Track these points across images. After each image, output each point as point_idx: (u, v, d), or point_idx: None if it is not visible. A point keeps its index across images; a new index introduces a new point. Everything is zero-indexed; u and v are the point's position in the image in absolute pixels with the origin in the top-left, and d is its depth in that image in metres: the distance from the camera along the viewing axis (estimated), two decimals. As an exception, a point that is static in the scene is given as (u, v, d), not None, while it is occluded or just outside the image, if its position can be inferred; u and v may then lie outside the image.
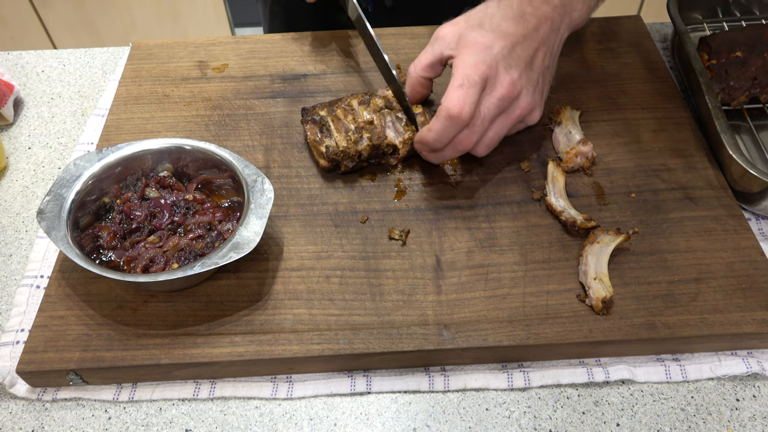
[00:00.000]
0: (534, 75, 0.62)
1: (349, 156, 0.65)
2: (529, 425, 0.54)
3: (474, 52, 0.59)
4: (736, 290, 0.58)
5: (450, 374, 0.56)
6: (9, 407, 0.56)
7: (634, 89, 0.75)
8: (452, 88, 0.58)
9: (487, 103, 0.60)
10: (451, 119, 0.58)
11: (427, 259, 0.60)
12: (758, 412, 0.54)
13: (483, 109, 0.60)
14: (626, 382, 0.56)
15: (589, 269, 0.57)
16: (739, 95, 0.70)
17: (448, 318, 0.56)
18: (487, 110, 0.60)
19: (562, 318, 0.56)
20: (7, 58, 0.87)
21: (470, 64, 0.58)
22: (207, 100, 0.75)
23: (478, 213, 0.64)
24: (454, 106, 0.57)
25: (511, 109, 0.62)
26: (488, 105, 0.60)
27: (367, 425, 0.54)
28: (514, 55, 0.60)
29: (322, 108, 0.68)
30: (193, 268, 0.53)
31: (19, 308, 0.60)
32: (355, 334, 0.55)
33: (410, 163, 0.68)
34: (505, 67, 0.59)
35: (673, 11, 0.76)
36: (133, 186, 0.63)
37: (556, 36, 0.64)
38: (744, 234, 0.62)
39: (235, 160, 0.61)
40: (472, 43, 0.59)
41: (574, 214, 0.61)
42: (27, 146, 0.76)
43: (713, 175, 0.66)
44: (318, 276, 0.59)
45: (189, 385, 0.56)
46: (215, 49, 0.81)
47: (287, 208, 0.65)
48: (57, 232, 0.56)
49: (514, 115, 0.62)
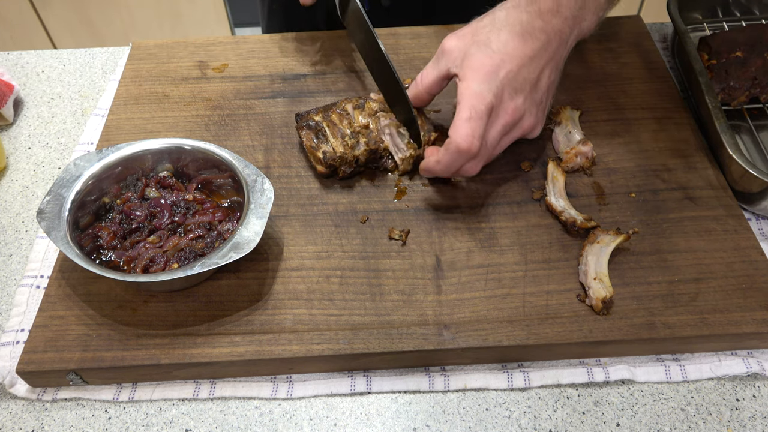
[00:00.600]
0: (539, 95, 0.62)
1: (346, 161, 0.65)
2: (529, 425, 0.54)
3: (480, 78, 0.58)
4: (736, 290, 0.58)
5: (450, 374, 0.56)
6: (9, 407, 0.56)
7: (634, 89, 0.75)
8: (460, 120, 0.58)
9: (492, 132, 0.60)
10: (461, 153, 0.58)
11: (427, 259, 0.60)
12: (758, 412, 0.54)
13: (488, 138, 0.60)
14: (626, 382, 0.56)
15: (589, 269, 0.57)
16: (739, 95, 0.70)
17: (448, 318, 0.56)
18: (492, 138, 0.60)
19: (562, 318, 0.56)
20: (7, 58, 0.87)
21: (477, 92, 0.58)
22: (207, 100, 0.75)
23: (478, 213, 0.64)
24: (463, 141, 0.57)
25: (513, 131, 0.62)
26: (493, 133, 0.60)
27: (367, 425, 0.54)
28: (519, 79, 0.59)
29: (317, 113, 0.67)
30: (193, 268, 0.53)
31: (19, 308, 0.60)
32: (355, 334, 0.55)
33: (410, 163, 0.68)
34: (510, 94, 0.59)
35: (673, 11, 0.76)
36: (133, 186, 0.63)
37: (564, 49, 0.63)
38: (744, 234, 0.62)
39: (235, 160, 0.61)
40: (478, 66, 0.58)
41: (574, 214, 0.61)
42: (27, 146, 0.76)
43: (713, 175, 0.66)
44: (318, 276, 0.59)
45: (189, 385, 0.56)
46: (215, 49, 0.81)
47: (287, 208, 0.65)
48: (57, 232, 0.56)
49: (515, 135, 0.63)
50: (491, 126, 0.59)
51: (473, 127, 0.57)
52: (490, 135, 0.60)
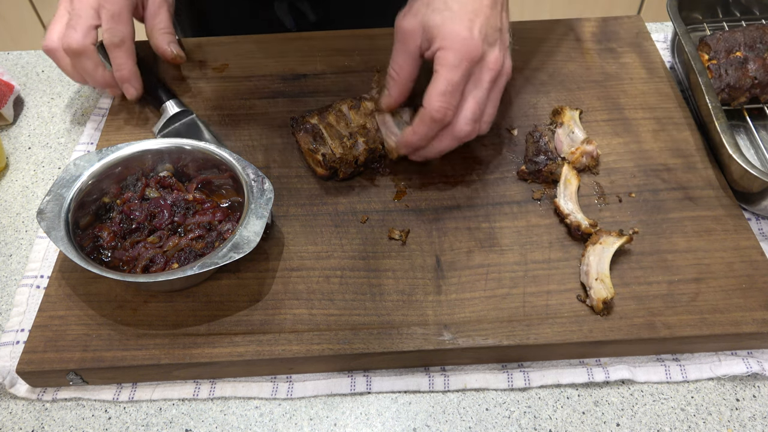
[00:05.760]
0: (505, 38, 0.62)
1: (346, 162, 0.65)
2: (529, 425, 0.54)
3: (456, 48, 0.57)
4: (736, 290, 0.58)
5: (450, 374, 0.56)
6: (9, 407, 0.56)
7: (634, 89, 0.75)
8: (435, 92, 0.58)
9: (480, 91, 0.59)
10: (435, 122, 0.58)
11: (427, 259, 0.60)
12: (758, 412, 0.54)
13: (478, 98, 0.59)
14: (626, 382, 0.56)
15: (591, 269, 0.57)
16: (739, 95, 0.70)
17: (448, 318, 0.56)
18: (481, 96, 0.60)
19: (562, 318, 0.56)
20: (7, 58, 0.87)
21: (454, 65, 0.57)
22: (207, 100, 0.75)
23: (478, 213, 0.64)
24: (437, 111, 0.58)
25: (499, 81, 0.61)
26: (482, 91, 0.59)
27: (367, 425, 0.54)
28: (489, 30, 0.59)
29: (312, 116, 0.66)
30: (193, 268, 0.53)
31: (19, 308, 0.60)
32: (355, 334, 0.55)
33: (410, 163, 0.68)
34: (486, 48, 0.59)
35: (673, 11, 0.76)
36: (133, 186, 0.63)
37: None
38: (744, 234, 0.62)
39: (235, 160, 0.61)
40: (449, 33, 0.58)
41: (580, 219, 0.61)
42: (27, 146, 0.76)
43: (713, 175, 0.66)
44: (318, 276, 0.59)
45: (189, 385, 0.56)
46: (215, 49, 0.81)
47: (287, 208, 0.65)
48: (57, 232, 0.56)
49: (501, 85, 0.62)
50: (477, 85, 0.59)
51: (448, 99, 0.57)
52: (479, 94, 0.59)
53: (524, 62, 0.78)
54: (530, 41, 0.80)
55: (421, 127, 0.60)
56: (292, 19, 0.91)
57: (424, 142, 0.61)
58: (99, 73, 0.70)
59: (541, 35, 0.81)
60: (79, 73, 0.70)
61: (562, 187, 0.64)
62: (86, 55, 0.68)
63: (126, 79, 0.71)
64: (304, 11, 0.91)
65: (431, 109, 0.58)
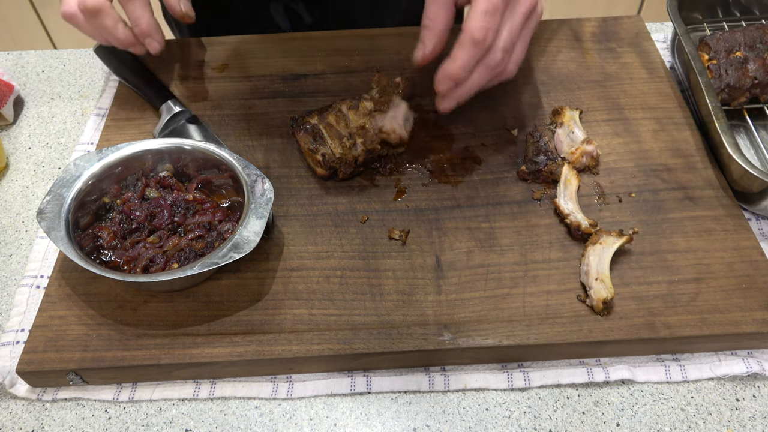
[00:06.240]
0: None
1: (346, 162, 0.65)
2: (529, 425, 0.54)
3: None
4: (736, 290, 0.58)
5: (450, 374, 0.56)
6: (9, 407, 0.56)
7: (634, 89, 0.75)
8: (477, 11, 0.56)
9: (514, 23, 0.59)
10: (476, 45, 0.57)
11: (427, 259, 0.60)
12: (758, 412, 0.54)
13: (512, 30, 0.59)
14: (626, 382, 0.56)
15: (591, 269, 0.57)
16: (739, 95, 0.70)
17: (448, 318, 0.56)
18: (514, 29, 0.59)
19: (562, 318, 0.56)
20: (7, 58, 0.87)
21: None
22: (207, 100, 0.75)
23: (478, 213, 0.64)
24: (479, 30, 0.56)
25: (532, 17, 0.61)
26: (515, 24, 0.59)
27: (367, 425, 0.54)
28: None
29: (312, 116, 0.66)
30: (193, 268, 0.53)
31: (19, 308, 0.60)
32: (355, 334, 0.55)
33: (410, 163, 0.68)
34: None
35: (673, 11, 0.76)
36: (133, 186, 0.63)
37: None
38: (744, 234, 0.62)
39: (235, 160, 0.61)
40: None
41: (580, 219, 0.61)
42: (27, 146, 0.76)
43: (713, 175, 0.66)
44: (318, 276, 0.59)
45: (189, 385, 0.56)
46: (215, 49, 0.81)
47: (287, 208, 0.65)
48: (57, 232, 0.56)
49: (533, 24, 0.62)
50: (512, 16, 0.59)
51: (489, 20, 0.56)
52: (513, 26, 0.59)
53: (524, 62, 0.78)
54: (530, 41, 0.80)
55: (461, 52, 0.58)
56: (287, 21, 0.91)
57: (465, 73, 0.59)
58: (120, 31, 0.68)
59: (541, 35, 0.81)
60: (101, 34, 0.68)
61: (562, 187, 0.64)
62: (104, 12, 0.66)
63: (146, 33, 0.68)
64: (299, 13, 0.91)
65: (473, 29, 0.56)
